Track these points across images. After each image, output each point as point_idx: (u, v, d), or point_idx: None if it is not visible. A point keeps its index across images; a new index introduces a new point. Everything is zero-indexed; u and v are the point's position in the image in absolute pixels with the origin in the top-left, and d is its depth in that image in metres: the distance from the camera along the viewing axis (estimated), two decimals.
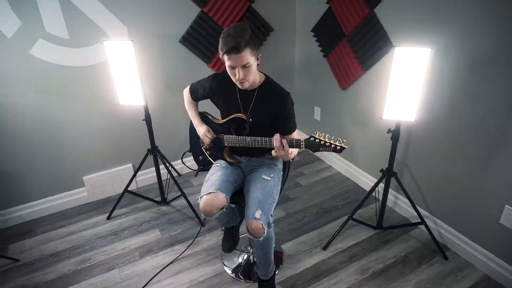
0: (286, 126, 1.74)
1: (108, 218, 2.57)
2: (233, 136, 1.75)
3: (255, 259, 1.84)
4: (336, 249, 2.26)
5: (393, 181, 2.18)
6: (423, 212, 2.35)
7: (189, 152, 2.08)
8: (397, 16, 2.17)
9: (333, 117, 3.00)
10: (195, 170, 2.08)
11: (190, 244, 2.30)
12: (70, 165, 2.58)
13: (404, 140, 2.33)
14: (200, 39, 2.66)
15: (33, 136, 2.38)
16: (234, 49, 1.46)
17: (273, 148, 1.55)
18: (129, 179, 2.80)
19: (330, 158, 3.19)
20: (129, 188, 2.57)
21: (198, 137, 1.95)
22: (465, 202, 2.08)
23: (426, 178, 2.30)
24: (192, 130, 1.98)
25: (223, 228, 2.05)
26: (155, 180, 2.96)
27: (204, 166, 2.02)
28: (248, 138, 1.68)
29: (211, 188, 1.65)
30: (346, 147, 1.45)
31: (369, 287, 2.00)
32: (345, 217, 2.53)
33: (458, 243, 2.17)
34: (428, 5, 1.97)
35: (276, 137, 1.51)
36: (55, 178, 2.57)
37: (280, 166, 1.90)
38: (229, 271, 2.11)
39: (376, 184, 2.23)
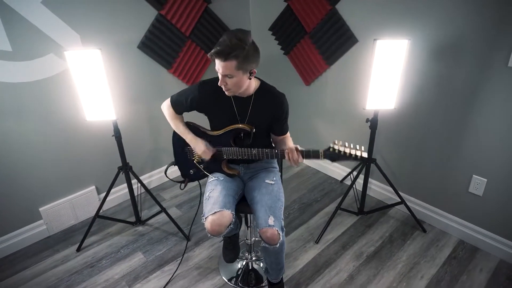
0: (282, 128, 1.73)
1: (78, 249, 2.29)
2: (235, 148, 1.67)
3: (265, 265, 1.80)
4: (328, 241, 2.32)
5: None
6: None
7: (174, 165, 1.94)
8: (359, 11, 2.28)
9: (298, 112, 3.05)
10: (179, 182, 1.95)
11: (181, 262, 2.16)
12: (23, 196, 2.23)
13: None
14: (159, 43, 2.50)
15: None
16: (219, 56, 1.41)
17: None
18: (94, 203, 2.56)
19: None
20: (92, 213, 2.33)
21: (186, 149, 1.83)
22: (436, 178, 2.29)
23: (398, 160, 2.47)
24: (177, 142, 1.85)
25: (223, 237, 1.96)
26: (122, 200, 2.74)
27: (194, 179, 1.91)
28: (254, 151, 1.61)
29: (215, 206, 1.56)
30: (366, 156, 1.46)
31: (368, 270, 2.09)
32: (327, 208, 2.63)
33: (433, 215, 2.39)
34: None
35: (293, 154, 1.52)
36: (7, 213, 2.20)
37: (277, 167, 1.88)
38: (229, 282, 2.03)
39: (359, 173, 2.33)
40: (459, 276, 2.04)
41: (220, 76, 1.49)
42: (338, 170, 2.93)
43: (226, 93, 1.56)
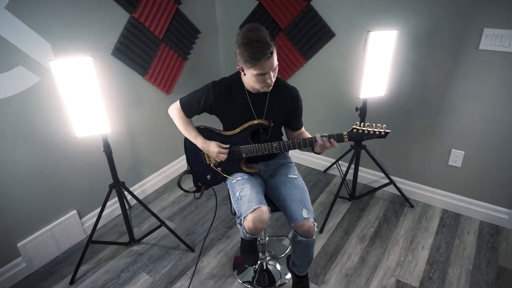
0: (298, 122, 1.75)
1: (72, 282, 2.04)
2: (255, 145, 1.64)
3: (294, 259, 1.78)
4: (330, 229, 2.39)
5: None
6: (382, 174, 2.68)
7: (189, 173, 1.83)
8: (335, 6, 2.38)
9: None
10: (193, 192, 1.87)
11: (194, 274, 2.06)
12: None
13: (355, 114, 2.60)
14: (134, 48, 2.34)
15: None
16: (270, 55, 1.39)
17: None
18: (76, 229, 2.34)
19: None
20: (75, 240, 2.18)
21: (201, 154, 1.75)
22: (418, 156, 2.49)
23: (381, 144, 2.62)
24: (190, 149, 1.76)
25: (243, 240, 1.91)
26: (105, 221, 2.51)
27: (212, 185, 1.83)
28: (275, 144, 1.60)
29: (252, 204, 1.52)
30: (390, 131, 1.52)
31: (375, 250, 2.20)
32: (319, 199, 2.72)
33: (416, 191, 2.59)
34: None
35: (322, 139, 1.52)
36: None
37: (293, 161, 1.88)
38: (247, 285, 2.00)
39: (351, 161, 2.43)
40: (452, 241, 2.25)
41: (270, 75, 1.46)
42: (319, 161, 3.02)
43: (266, 89, 1.53)
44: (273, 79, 1.51)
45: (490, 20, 1.93)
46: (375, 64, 2.00)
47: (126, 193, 2.48)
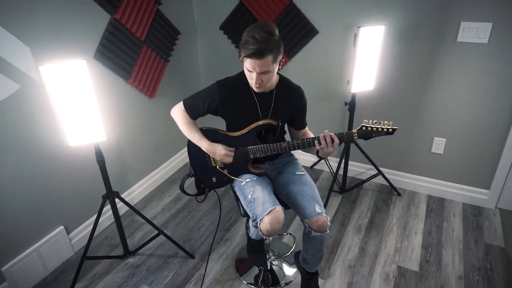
0: (303, 121, 1.76)
1: None
2: (263, 145, 1.61)
3: (305, 256, 1.78)
4: None
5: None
6: (368, 166, 2.77)
7: (192, 177, 1.77)
8: (318, 3, 2.42)
9: None
10: (196, 194, 1.81)
11: (203, 281, 2.00)
12: None
13: (342, 109, 2.66)
14: (117, 51, 2.23)
15: None
16: (255, 55, 1.38)
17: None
18: (64, 246, 2.20)
19: None
20: (63, 258, 2.08)
21: (207, 156, 1.70)
22: (402, 146, 2.60)
23: None
24: (195, 152, 1.70)
25: (252, 241, 1.88)
26: (95, 233, 2.35)
27: (217, 187, 1.79)
28: (284, 144, 1.59)
29: (267, 205, 1.50)
30: (397, 127, 1.54)
31: (372, 239, 2.27)
32: None
33: (402, 179, 2.71)
34: None
35: (326, 133, 1.51)
36: None
37: (297, 159, 1.88)
38: (254, 286, 1.98)
39: (342, 155, 2.49)
40: (441, 224, 2.37)
41: (255, 75, 1.44)
42: (306, 157, 3.06)
43: (256, 89, 1.52)
44: (261, 84, 1.48)
45: (467, 14, 2.06)
46: (365, 58, 2.07)
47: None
